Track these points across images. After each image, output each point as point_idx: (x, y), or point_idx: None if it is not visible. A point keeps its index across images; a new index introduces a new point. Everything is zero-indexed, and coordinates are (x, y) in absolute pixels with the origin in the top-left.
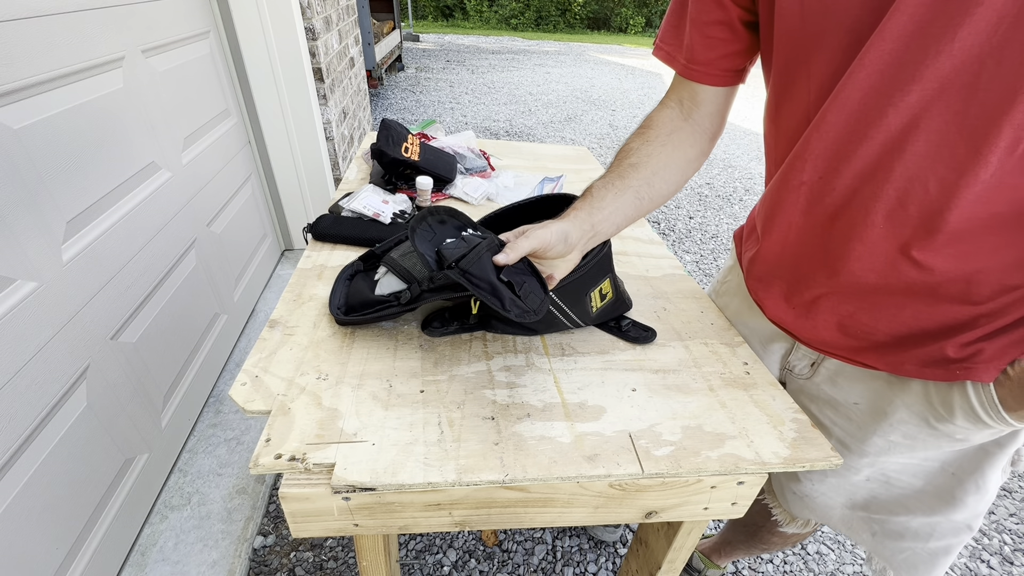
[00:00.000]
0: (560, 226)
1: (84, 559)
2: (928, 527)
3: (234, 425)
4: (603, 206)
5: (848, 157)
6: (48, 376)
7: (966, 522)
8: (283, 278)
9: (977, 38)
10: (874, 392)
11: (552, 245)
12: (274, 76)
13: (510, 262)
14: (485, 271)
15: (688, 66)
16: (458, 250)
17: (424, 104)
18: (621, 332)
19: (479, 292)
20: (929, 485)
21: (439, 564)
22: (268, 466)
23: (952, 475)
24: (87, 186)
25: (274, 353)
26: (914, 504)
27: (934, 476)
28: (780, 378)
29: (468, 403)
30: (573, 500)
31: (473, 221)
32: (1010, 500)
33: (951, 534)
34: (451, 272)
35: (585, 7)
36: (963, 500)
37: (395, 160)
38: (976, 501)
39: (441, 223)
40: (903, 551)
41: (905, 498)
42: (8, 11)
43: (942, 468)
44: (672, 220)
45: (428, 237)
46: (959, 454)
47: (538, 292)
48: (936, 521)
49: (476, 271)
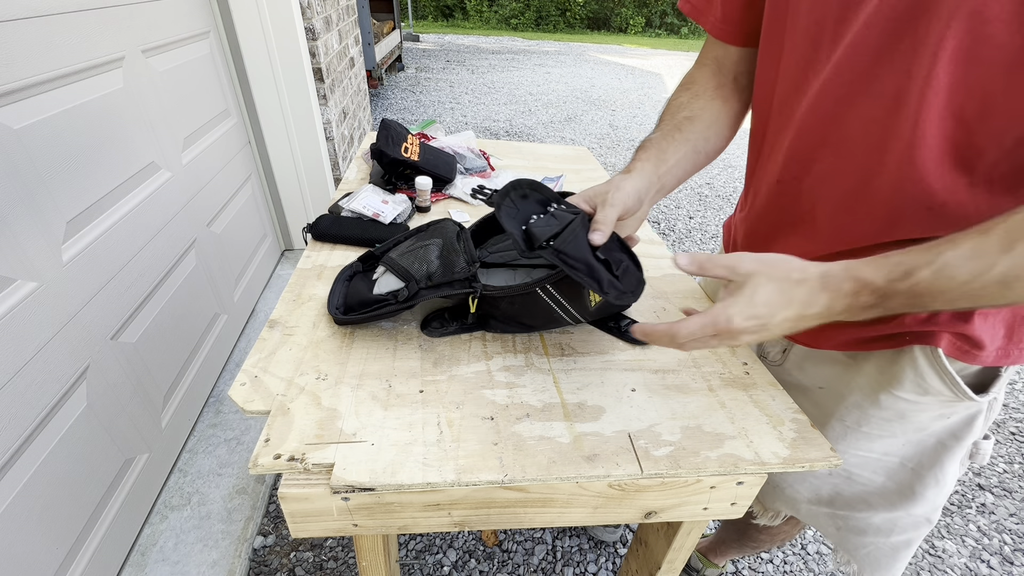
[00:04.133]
0: (632, 184)
1: (84, 559)
2: (889, 522)
3: (234, 425)
4: (666, 158)
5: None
6: (48, 376)
7: (925, 515)
8: (283, 278)
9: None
10: (835, 375)
11: (631, 207)
12: (274, 76)
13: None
14: (581, 250)
15: (720, 25)
16: (549, 228)
17: (424, 104)
18: (620, 332)
19: (576, 274)
20: (890, 481)
21: (439, 564)
22: (267, 466)
23: (912, 470)
24: (87, 186)
25: (273, 353)
26: (876, 500)
27: (894, 472)
28: None
29: (467, 403)
30: (572, 500)
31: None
32: (1010, 500)
33: (911, 528)
34: (545, 253)
35: (585, 7)
36: (923, 494)
37: (395, 160)
38: (935, 494)
39: (523, 198)
40: (866, 546)
41: (867, 494)
42: (8, 11)
43: (902, 463)
44: (672, 220)
45: (512, 214)
46: (918, 449)
47: (633, 271)
48: (897, 516)
49: (572, 251)
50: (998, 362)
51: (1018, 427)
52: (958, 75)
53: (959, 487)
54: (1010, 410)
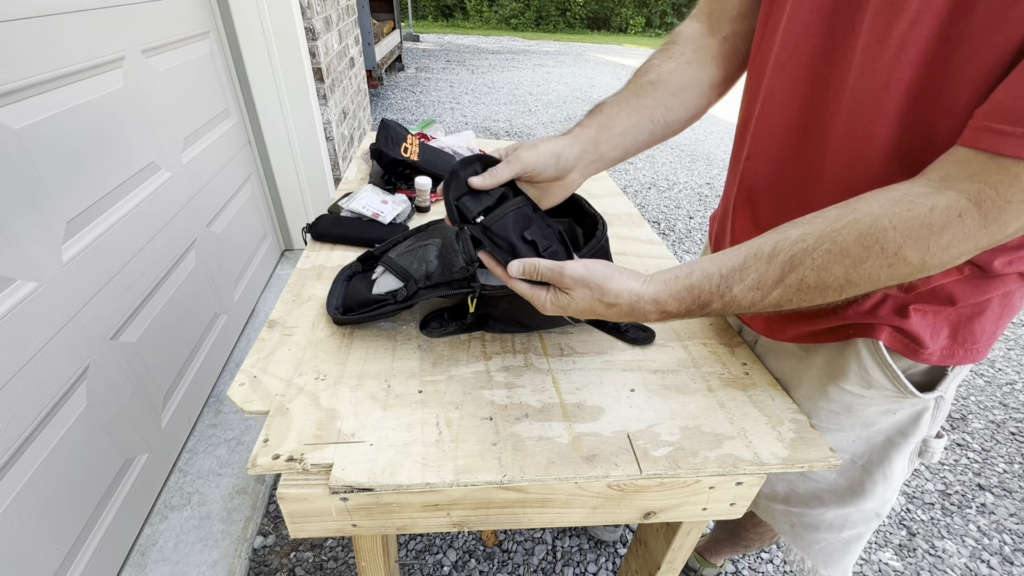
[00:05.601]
0: (551, 146)
1: (84, 559)
2: (841, 518)
3: (234, 425)
4: (613, 125)
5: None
6: (48, 376)
7: (875, 510)
8: (283, 278)
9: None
10: (790, 368)
11: (540, 168)
12: (274, 76)
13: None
14: (507, 230)
15: None
16: (480, 204)
17: (424, 104)
18: (620, 333)
19: (498, 252)
20: (842, 477)
21: (439, 564)
22: (266, 466)
23: (862, 467)
24: (87, 186)
25: (273, 353)
26: (828, 496)
27: (845, 469)
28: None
29: (466, 403)
30: (571, 501)
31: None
32: (1010, 500)
33: (862, 523)
34: (473, 228)
35: (585, 7)
36: (872, 490)
37: (394, 160)
38: (883, 490)
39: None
40: (819, 541)
41: (820, 491)
42: (8, 11)
43: (852, 460)
44: (672, 220)
45: (458, 188)
46: (867, 446)
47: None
48: (848, 512)
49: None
50: (943, 361)
51: (1018, 427)
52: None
53: (959, 487)
54: (1010, 410)
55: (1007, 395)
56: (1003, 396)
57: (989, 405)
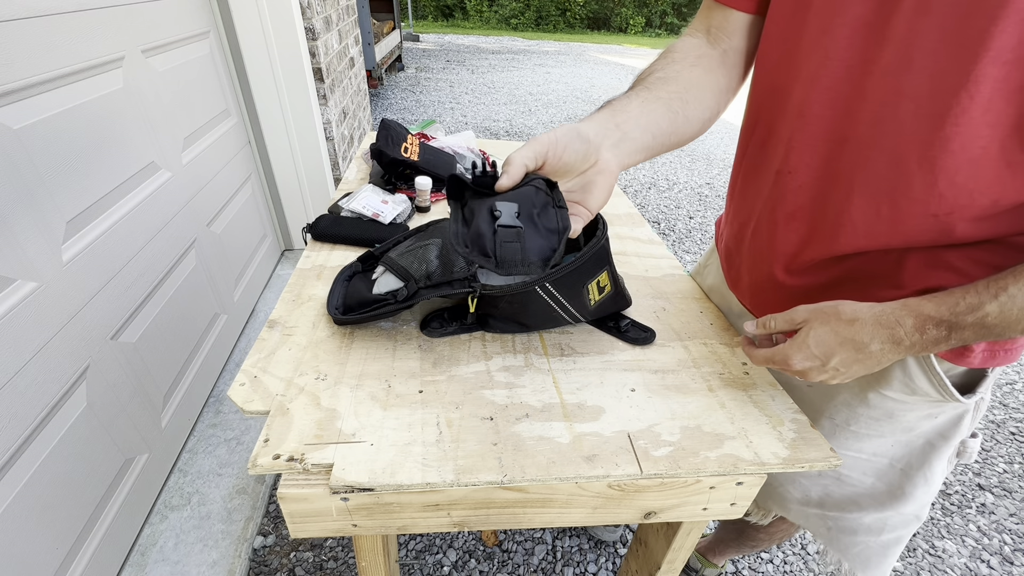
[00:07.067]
0: (569, 125)
1: (84, 559)
2: (880, 521)
3: (234, 425)
4: (628, 108)
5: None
6: (48, 376)
7: (915, 513)
8: (283, 278)
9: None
10: None
11: (564, 143)
12: (274, 76)
13: (503, 187)
14: (482, 213)
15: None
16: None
17: (424, 104)
18: (620, 333)
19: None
20: (880, 482)
21: (439, 564)
22: (266, 466)
23: (901, 471)
24: (87, 186)
25: (273, 353)
26: (866, 501)
27: (884, 473)
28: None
29: (467, 403)
30: (572, 501)
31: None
32: (1010, 500)
33: (901, 526)
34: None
35: (585, 7)
36: (912, 493)
37: (394, 160)
38: (924, 493)
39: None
40: (857, 545)
41: (857, 495)
42: (8, 11)
43: (891, 464)
44: (672, 220)
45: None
46: (907, 449)
47: (535, 250)
48: (887, 515)
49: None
50: (985, 364)
51: (1018, 427)
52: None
53: (959, 487)
54: (1010, 410)
55: (1007, 395)
56: (1003, 396)
57: (989, 405)
